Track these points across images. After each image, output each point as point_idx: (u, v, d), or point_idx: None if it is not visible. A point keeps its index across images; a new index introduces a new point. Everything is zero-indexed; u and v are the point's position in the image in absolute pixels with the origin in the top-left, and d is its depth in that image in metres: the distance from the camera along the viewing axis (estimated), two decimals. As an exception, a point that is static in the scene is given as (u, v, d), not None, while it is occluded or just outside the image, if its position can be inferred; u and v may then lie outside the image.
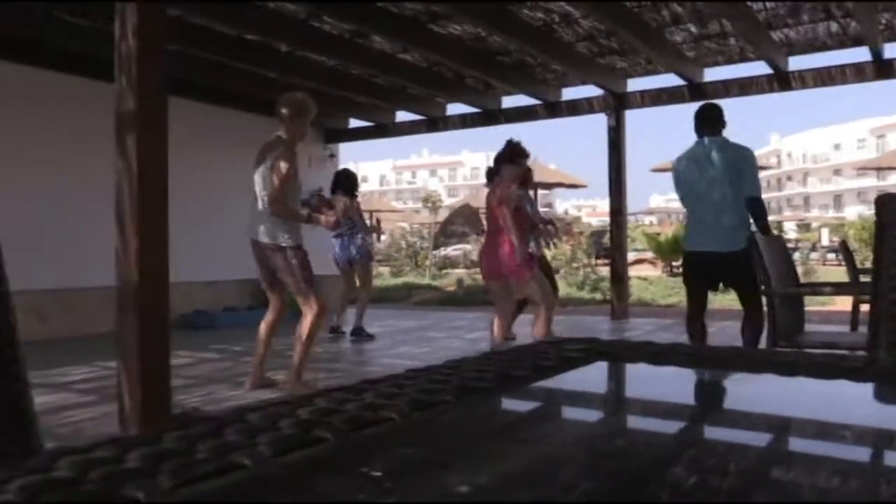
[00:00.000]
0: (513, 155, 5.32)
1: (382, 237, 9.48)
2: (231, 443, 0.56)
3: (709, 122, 5.00)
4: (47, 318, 8.08)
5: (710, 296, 5.29)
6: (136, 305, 3.62)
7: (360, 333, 7.65)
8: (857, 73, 8.33)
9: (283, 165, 4.60)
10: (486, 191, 6.02)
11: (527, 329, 7.44)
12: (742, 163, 4.90)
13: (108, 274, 3.82)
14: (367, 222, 8.06)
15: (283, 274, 4.77)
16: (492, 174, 5.53)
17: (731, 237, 4.70)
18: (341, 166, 10.35)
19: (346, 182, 7.57)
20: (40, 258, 7.85)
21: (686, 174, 4.98)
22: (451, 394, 0.71)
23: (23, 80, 7.77)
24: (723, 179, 4.81)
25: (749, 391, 0.90)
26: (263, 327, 4.98)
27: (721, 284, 5.19)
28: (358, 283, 7.76)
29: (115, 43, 3.73)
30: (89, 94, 7.60)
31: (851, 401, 0.79)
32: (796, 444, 0.65)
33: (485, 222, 7.83)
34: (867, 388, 0.80)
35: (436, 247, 21.82)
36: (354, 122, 11.84)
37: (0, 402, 0.96)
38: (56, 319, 8.15)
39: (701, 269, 4.94)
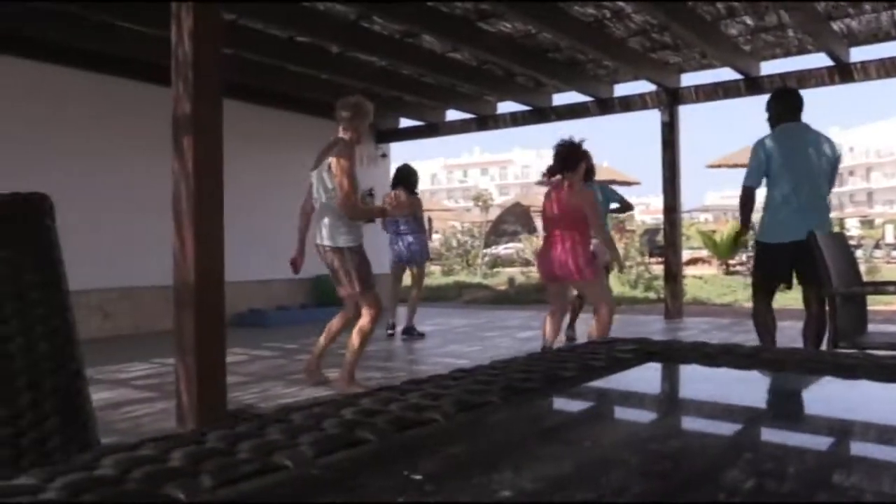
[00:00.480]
0: (585, 157, 5.33)
1: (435, 235, 9.49)
2: (273, 442, 0.56)
3: (795, 107, 4.87)
4: (111, 315, 8.32)
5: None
6: (192, 304, 3.71)
7: (411, 332, 7.68)
8: (922, 64, 8.03)
9: (345, 163, 4.62)
10: (537, 189, 5.99)
11: (583, 328, 7.39)
12: (837, 155, 4.83)
13: (169, 272, 3.91)
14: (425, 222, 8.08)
15: (342, 276, 4.81)
16: (559, 170, 5.29)
17: (824, 226, 4.58)
18: (393, 165, 10.40)
19: (408, 178, 7.58)
20: (103, 257, 8.10)
21: (782, 158, 4.74)
22: (497, 395, 0.70)
23: (86, 87, 8.03)
24: (823, 168, 4.71)
25: (806, 394, 0.87)
26: (334, 323, 5.06)
27: (793, 279, 4.97)
28: (411, 281, 7.78)
29: (172, 47, 3.82)
30: (150, 99, 7.79)
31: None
32: (852, 449, 0.63)
33: (539, 220, 7.76)
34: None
35: (487, 245, 21.79)
36: (405, 122, 11.90)
37: (60, 398, 0.99)
38: (119, 317, 8.39)
39: (787, 262, 4.71)
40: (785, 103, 4.91)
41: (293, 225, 5.28)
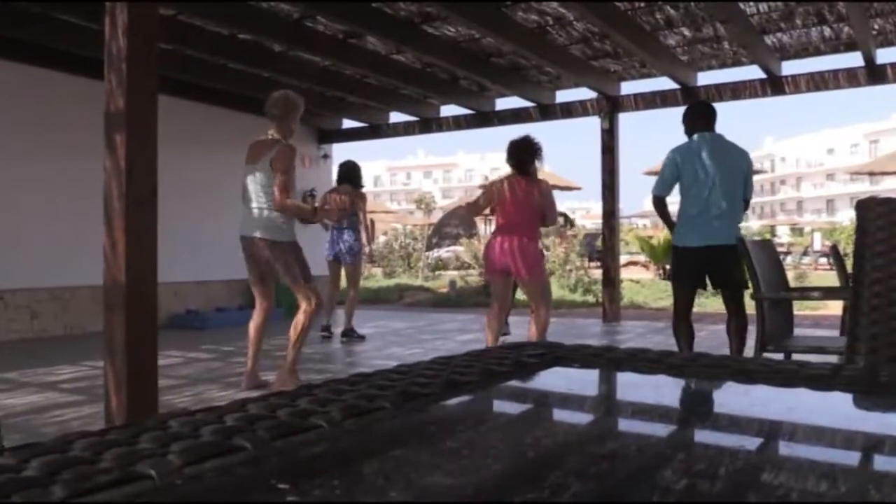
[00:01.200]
0: (539, 150, 5.27)
1: (373, 243, 9.38)
2: (140, 451, 0.54)
3: (706, 118, 5.05)
4: (39, 315, 8.06)
5: (700, 298, 5.31)
6: (123, 304, 3.61)
7: (350, 334, 7.62)
8: (849, 78, 8.35)
9: (286, 162, 4.74)
10: (480, 192, 6.01)
11: (521, 330, 7.46)
12: (746, 164, 5.03)
13: (100, 272, 3.80)
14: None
15: (280, 269, 4.86)
16: (520, 168, 5.23)
17: (730, 232, 4.76)
18: (335, 167, 10.33)
19: (351, 174, 7.52)
20: (31, 256, 7.84)
21: (688, 168, 4.94)
22: (391, 400, 0.70)
23: (9, 79, 7.75)
24: (730, 177, 4.87)
25: (702, 397, 0.90)
26: (252, 328, 5.03)
27: (709, 283, 5.19)
28: (346, 281, 7.68)
29: (105, 42, 3.72)
30: (86, 93, 7.55)
31: (807, 411, 0.79)
32: (741, 453, 0.64)
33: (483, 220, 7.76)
34: (826, 398, 0.80)
35: (429, 248, 21.81)
36: (348, 123, 11.84)
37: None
38: (48, 317, 8.13)
39: (696, 265, 4.92)
40: (698, 115, 5.13)
41: (232, 224, 5.20)
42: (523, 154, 5.23)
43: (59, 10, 6.76)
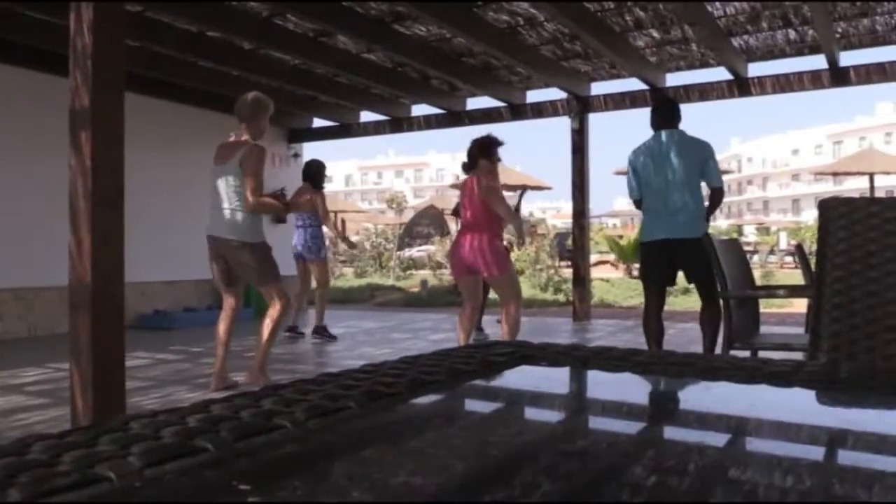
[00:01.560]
0: (490, 146, 5.28)
1: (354, 238, 9.36)
2: (99, 453, 0.54)
3: (667, 116, 5.15)
4: (2, 317, 7.90)
5: (671, 297, 5.37)
6: (88, 305, 3.55)
7: (321, 333, 7.58)
8: (813, 80, 8.50)
9: (257, 163, 4.76)
10: (451, 192, 6.01)
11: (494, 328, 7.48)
12: (706, 154, 5.10)
13: (65, 273, 3.74)
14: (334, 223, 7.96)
15: (248, 269, 4.89)
16: (469, 167, 5.36)
17: (693, 225, 4.84)
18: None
19: (313, 173, 7.49)
20: (-7, 257, 7.69)
21: (646, 166, 5.10)
22: (356, 400, 0.69)
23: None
24: (686, 170, 4.95)
25: (672, 395, 0.91)
26: (221, 328, 5.01)
27: (679, 276, 5.27)
28: (315, 281, 7.64)
29: (70, 38, 3.66)
30: (50, 90, 7.42)
31: (769, 407, 0.80)
32: (707, 449, 0.65)
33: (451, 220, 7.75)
34: (788, 394, 0.81)
35: (400, 248, 21.78)
36: (318, 122, 11.78)
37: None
38: (11, 319, 7.97)
39: (661, 259, 5.01)
40: (659, 114, 5.25)
41: (200, 224, 5.15)
42: (472, 151, 5.32)
43: (24, 6, 6.63)
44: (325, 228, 7.53)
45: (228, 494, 0.50)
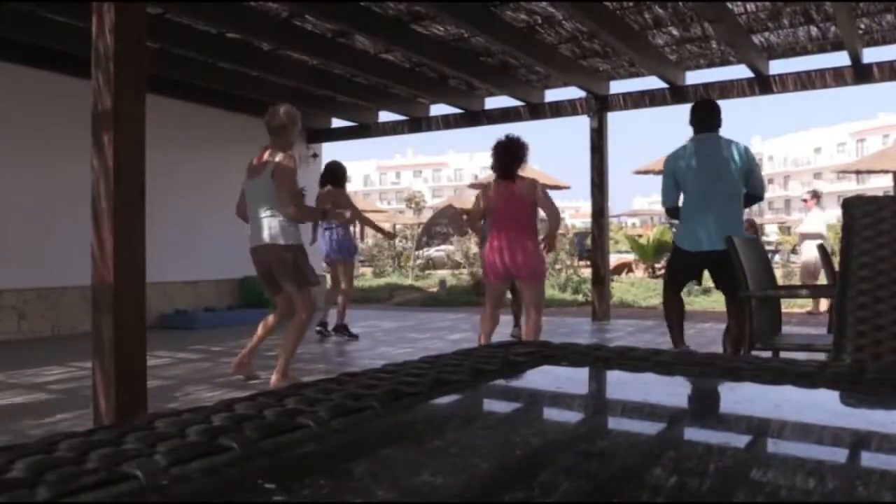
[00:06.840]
0: (526, 149, 5.20)
1: (369, 239, 9.43)
2: (126, 451, 0.54)
3: (709, 119, 5.03)
4: (26, 316, 8.01)
5: (690, 297, 5.33)
6: (111, 304, 3.59)
7: (343, 331, 7.62)
8: (836, 78, 8.40)
9: (289, 175, 4.90)
10: (470, 192, 6.00)
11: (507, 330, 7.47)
12: (742, 160, 4.95)
13: (88, 273, 3.78)
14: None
15: (287, 269, 4.98)
16: (505, 170, 5.11)
17: (731, 231, 4.75)
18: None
19: (333, 175, 7.52)
20: (18, 256, 7.78)
21: (687, 173, 4.94)
22: (379, 399, 0.70)
23: (3, 78, 7.69)
24: (732, 179, 4.85)
25: (695, 396, 0.90)
26: (263, 323, 5.22)
27: (702, 277, 5.22)
28: (342, 281, 7.68)
29: (92, 40, 3.70)
30: (74, 91, 7.50)
31: (794, 408, 0.79)
32: (729, 450, 0.65)
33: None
34: (812, 395, 0.80)
35: (419, 247, 21.80)
36: (337, 122, 11.82)
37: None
38: (35, 318, 8.07)
39: (696, 267, 4.92)
40: (697, 114, 5.11)
41: (221, 225, 5.21)
42: (512, 153, 5.13)
43: (46, 9, 6.72)
44: (351, 227, 7.64)
45: (253, 493, 0.50)
